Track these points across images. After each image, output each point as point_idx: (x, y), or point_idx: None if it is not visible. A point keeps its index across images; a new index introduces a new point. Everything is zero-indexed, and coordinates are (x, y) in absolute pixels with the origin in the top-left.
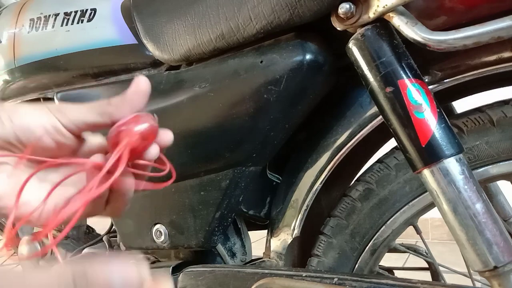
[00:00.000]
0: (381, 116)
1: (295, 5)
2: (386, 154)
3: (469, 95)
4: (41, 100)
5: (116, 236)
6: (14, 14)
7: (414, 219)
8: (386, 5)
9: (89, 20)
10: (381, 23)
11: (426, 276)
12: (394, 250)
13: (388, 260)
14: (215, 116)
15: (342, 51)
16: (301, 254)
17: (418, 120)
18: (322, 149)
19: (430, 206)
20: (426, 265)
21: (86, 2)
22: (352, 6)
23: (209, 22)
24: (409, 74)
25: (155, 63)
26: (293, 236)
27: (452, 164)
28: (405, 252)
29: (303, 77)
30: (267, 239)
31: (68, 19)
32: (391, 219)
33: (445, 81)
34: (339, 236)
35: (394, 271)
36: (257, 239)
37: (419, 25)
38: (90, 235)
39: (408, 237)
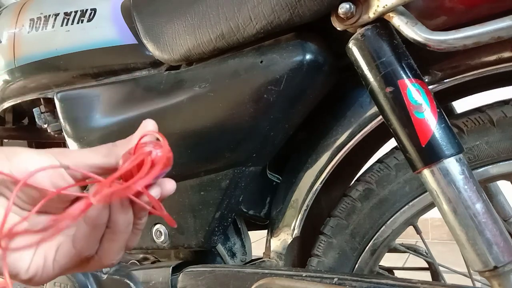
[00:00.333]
0: (381, 116)
1: (295, 5)
2: (386, 154)
3: (469, 95)
4: (41, 100)
5: None
6: (14, 14)
7: (414, 219)
8: (386, 5)
9: (89, 20)
10: (381, 23)
11: (426, 276)
12: (394, 250)
13: (388, 260)
14: (215, 116)
15: (342, 51)
16: (301, 254)
17: (418, 120)
18: (322, 149)
19: (430, 206)
20: (426, 265)
21: (86, 2)
22: (352, 6)
23: (209, 22)
24: (409, 74)
25: (155, 63)
26: (293, 236)
27: (452, 164)
28: (405, 252)
29: (303, 77)
30: (267, 239)
31: (68, 19)
32: (391, 219)
33: (445, 81)
34: (339, 236)
35: (394, 271)
36: (257, 239)
37: (419, 25)
38: None
39: (408, 237)
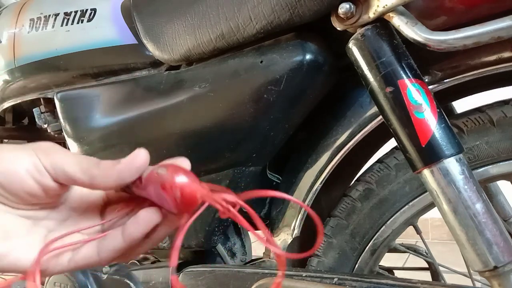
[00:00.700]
0: (381, 116)
1: (295, 5)
2: (386, 154)
3: (469, 95)
4: (41, 100)
5: None
6: (14, 14)
7: (414, 219)
8: (386, 5)
9: (89, 20)
10: (381, 23)
11: (426, 276)
12: (394, 250)
13: (388, 260)
14: (215, 116)
15: (342, 51)
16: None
17: (418, 120)
18: (322, 149)
19: (430, 206)
20: (426, 265)
21: (86, 2)
22: (352, 6)
23: (209, 22)
24: (409, 74)
25: (155, 63)
26: (293, 236)
27: (452, 164)
28: (405, 252)
29: (303, 77)
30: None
31: (68, 19)
32: (391, 219)
33: (445, 81)
34: (339, 236)
35: (394, 271)
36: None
37: (419, 25)
38: None
39: (408, 237)
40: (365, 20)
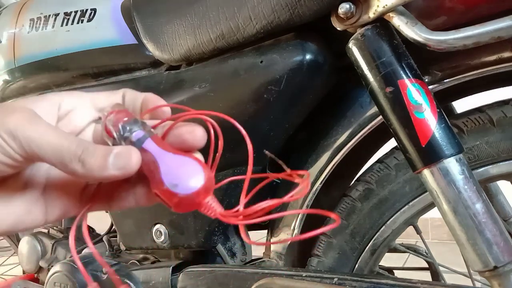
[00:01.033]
0: (381, 116)
1: (295, 5)
2: (386, 154)
3: (469, 95)
4: None
5: (116, 236)
6: (14, 14)
7: (414, 219)
8: (386, 5)
9: (89, 20)
10: (381, 23)
11: (426, 276)
12: (394, 250)
13: (388, 260)
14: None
15: (342, 51)
16: (301, 254)
17: (418, 120)
18: (322, 149)
19: (430, 206)
20: (426, 265)
21: (86, 2)
22: (352, 6)
23: (209, 22)
24: (409, 74)
25: (155, 63)
26: (293, 236)
27: (452, 164)
28: (405, 252)
29: (303, 77)
30: (267, 239)
31: (68, 19)
32: (391, 219)
33: (445, 81)
34: (339, 236)
35: (394, 271)
36: (257, 239)
37: (419, 25)
38: (90, 235)
39: (408, 237)
40: (365, 20)
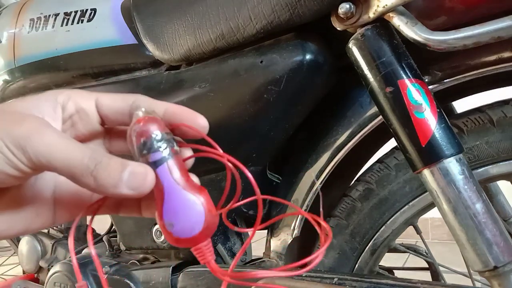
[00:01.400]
0: (381, 116)
1: (295, 5)
2: (386, 154)
3: (469, 95)
4: None
5: (116, 236)
6: (14, 14)
7: (414, 219)
8: (386, 5)
9: (89, 20)
10: (381, 23)
11: (426, 276)
12: (394, 250)
13: (388, 260)
14: (215, 116)
15: (342, 51)
16: (301, 254)
17: (418, 120)
18: (322, 149)
19: (430, 206)
20: (426, 265)
21: (86, 2)
22: (352, 6)
23: (209, 22)
24: (409, 74)
25: (155, 63)
26: (293, 236)
27: (452, 164)
28: (405, 252)
29: (303, 77)
30: (267, 239)
31: (68, 19)
32: (391, 219)
33: (445, 81)
34: (339, 236)
35: (394, 271)
36: (257, 239)
37: (419, 25)
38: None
39: (408, 237)
40: (365, 20)
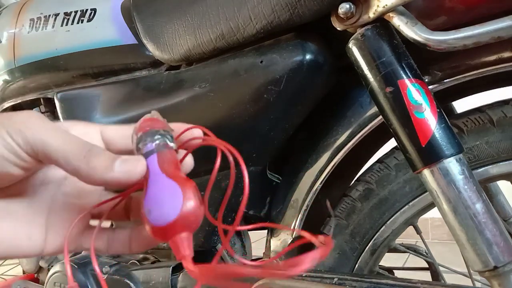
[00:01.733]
0: (381, 116)
1: (295, 5)
2: (386, 154)
3: (469, 95)
4: (41, 100)
5: None
6: (14, 14)
7: (414, 219)
8: (386, 5)
9: (89, 20)
10: (381, 23)
11: (426, 276)
12: (394, 250)
13: (388, 260)
14: (215, 116)
15: (342, 51)
16: (301, 254)
17: (418, 120)
18: (322, 149)
19: (430, 206)
20: (426, 265)
21: (86, 2)
22: (352, 6)
23: (209, 22)
24: (409, 74)
25: (155, 63)
26: (293, 236)
27: (452, 164)
28: (405, 252)
29: (303, 77)
30: (267, 239)
31: (68, 19)
32: (391, 219)
33: (445, 81)
34: (339, 236)
35: (394, 271)
36: (257, 239)
37: (419, 25)
38: None
39: (408, 237)
40: (365, 20)
